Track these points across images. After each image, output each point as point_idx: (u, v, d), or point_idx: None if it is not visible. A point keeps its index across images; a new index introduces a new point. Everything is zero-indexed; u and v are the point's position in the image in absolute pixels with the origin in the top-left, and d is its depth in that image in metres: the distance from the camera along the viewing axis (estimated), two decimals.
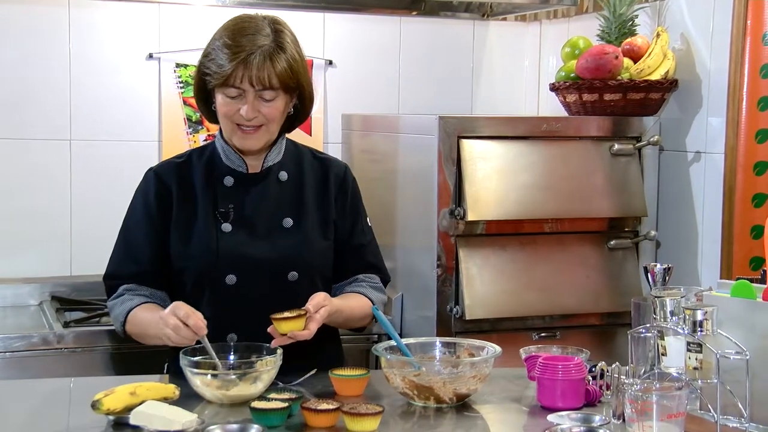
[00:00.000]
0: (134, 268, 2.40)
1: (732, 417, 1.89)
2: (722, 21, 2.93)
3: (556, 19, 3.79)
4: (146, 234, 2.39)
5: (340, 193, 2.47)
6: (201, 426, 1.88)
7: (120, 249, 2.43)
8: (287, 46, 2.31)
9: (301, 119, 2.46)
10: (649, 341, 2.01)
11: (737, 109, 2.86)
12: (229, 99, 2.31)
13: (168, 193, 2.39)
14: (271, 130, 2.36)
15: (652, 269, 2.17)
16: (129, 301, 2.37)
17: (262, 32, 2.29)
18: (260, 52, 2.26)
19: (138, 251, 2.40)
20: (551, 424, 1.97)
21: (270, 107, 2.31)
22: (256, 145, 2.37)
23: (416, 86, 3.82)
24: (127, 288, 2.40)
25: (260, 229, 2.38)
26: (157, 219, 2.39)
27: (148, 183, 2.42)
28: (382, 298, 2.48)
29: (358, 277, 2.48)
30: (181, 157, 2.48)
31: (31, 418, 2.09)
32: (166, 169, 2.43)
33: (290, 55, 2.30)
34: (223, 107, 2.33)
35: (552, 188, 3.03)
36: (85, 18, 3.44)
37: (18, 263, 3.40)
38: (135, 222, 2.42)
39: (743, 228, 2.84)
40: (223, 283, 2.34)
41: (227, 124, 2.35)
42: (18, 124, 3.39)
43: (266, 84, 2.27)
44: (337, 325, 2.40)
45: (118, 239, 2.44)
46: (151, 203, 2.40)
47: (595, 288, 3.07)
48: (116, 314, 2.38)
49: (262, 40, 2.28)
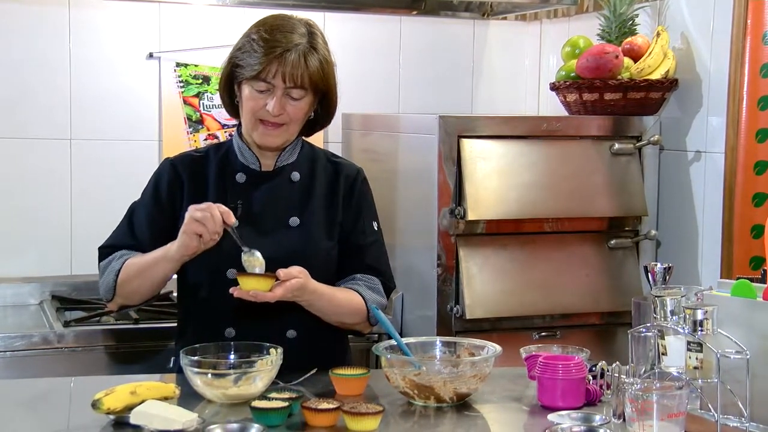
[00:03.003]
0: (131, 242, 2.40)
1: (732, 416, 1.89)
2: (722, 20, 2.93)
3: (556, 19, 3.79)
4: (149, 218, 2.41)
5: (348, 194, 2.47)
6: (201, 425, 1.88)
7: (122, 226, 2.45)
8: (320, 48, 2.34)
9: (323, 124, 2.48)
10: (649, 341, 2.01)
11: (737, 109, 2.86)
12: (257, 93, 2.32)
13: (180, 184, 2.41)
14: (291, 131, 2.38)
15: (653, 269, 2.17)
16: (126, 256, 2.36)
17: (298, 31, 2.32)
18: (295, 50, 2.29)
19: (138, 231, 2.41)
20: (551, 423, 1.97)
21: (295, 106, 2.33)
22: (275, 142, 2.38)
23: (416, 86, 3.82)
24: (122, 253, 2.39)
25: (266, 226, 2.38)
26: (165, 206, 2.40)
27: (162, 171, 2.44)
28: (378, 300, 2.41)
29: (356, 276, 2.45)
30: (199, 151, 2.50)
31: (31, 418, 2.09)
32: (182, 161, 2.45)
33: (323, 56, 2.34)
34: (249, 101, 2.34)
35: (552, 188, 3.03)
36: (85, 18, 3.44)
37: (18, 263, 3.40)
38: (142, 205, 2.44)
39: (743, 227, 2.84)
40: (225, 277, 2.34)
41: (250, 119, 2.36)
42: (18, 124, 3.39)
43: (298, 82, 2.29)
44: (323, 314, 2.35)
45: (123, 217, 2.45)
46: (161, 190, 2.41)
47: (595, 287, 3.07)
48: (111, 268, 2.36)
49: (297, 39, 2.30)
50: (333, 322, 2.39)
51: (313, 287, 2.27)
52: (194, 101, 3.55)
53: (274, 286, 2.18)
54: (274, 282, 2.18)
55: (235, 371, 2.12)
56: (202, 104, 3.56)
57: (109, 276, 2.36)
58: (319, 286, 2.30)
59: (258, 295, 2.16)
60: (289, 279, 2.20)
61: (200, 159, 2.45)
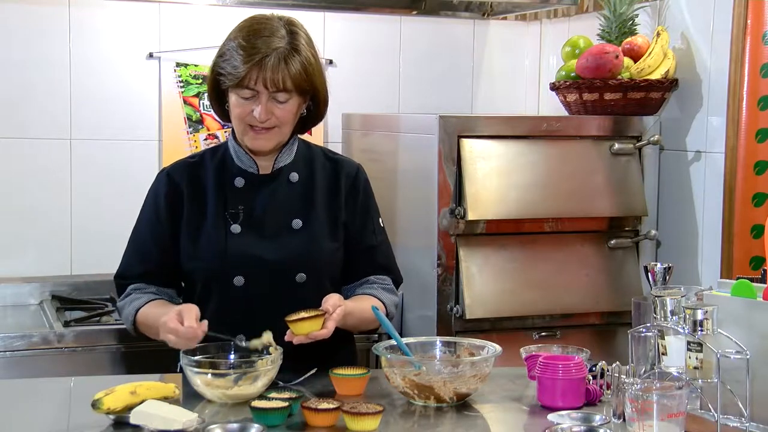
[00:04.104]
0: (142, 267, 2.41)
1: (732, 416, 1.89)
2: (722, 20, 2.93)
3: (556, 19, 3.79)
4: (154, 234, 2.41)
5: (351, 193, 2.46)
6: (201, 425, 1.88)
7: (129, 249, 2.46)
8: (302, 48, 2.30)
9: (315, 121, 2.47)
10: (649, 340, 2.01)
11: (737, 109, 2.86)
12: (242, 100, 2.31)
13: (179, 194, 2.40)
14: (283, 132, 2.37)
15: (653, 269, 2.17)
16: (137, 300, 2.38)
17: (277, 34, 2.29)
18: (275, 54, 2.25)
19: (145, 251, 2.41)
20: (551, 423, 1.97)
21: (283, 109, 2.31)
22: (267, 145, 2.37)
23: (416, 85, 3.82)
24: (135, 287, 2.41)
25: (269, 230, 2.38)
26: (166, 220, 2.40)
27: (159, 184, 2.44)
28: (393, 300, 2.46)
29: (369, 278, 2.46)
30: (194, 157, 2.49)
31: (31, 418, 2.09)
32: (177, 170, 2.44)
33: (305, 57, 2.30)
34: (236, 108, 2.33)
35: (552, 188, 3.03)
36: (85, 18, 3.44)
37: (18, 263, 3.40)
38: (144, 222, 2.44)
39: (743, 227, 2.84)
40: (231, 284, 2.34)
41: (240, 125, 2.35)
42: (18, 123, 3.39)
43: (280, 86, 2.27)
44: (349, 327, 2.38)
45: (129, 239, 2.47)
46: (160, 204, 2.41)
47: (595, 287, 3.07)
48: (126, 314, 2.40)
49: (277, 42, 2.27)
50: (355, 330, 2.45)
51: (349, 309, 2.29)
52: (194, 101, 3.55)
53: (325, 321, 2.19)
54: (323, 319, 2.19)
55: (235, 371, 2.12)
56: (202, 104, 3.56)
57: (127, 320, 2.40)
58: (351, 305, 2.31)
59: (316, 336, 2.18)
60: (335, 309, 2.22)
61: (196, 165, 2.44)
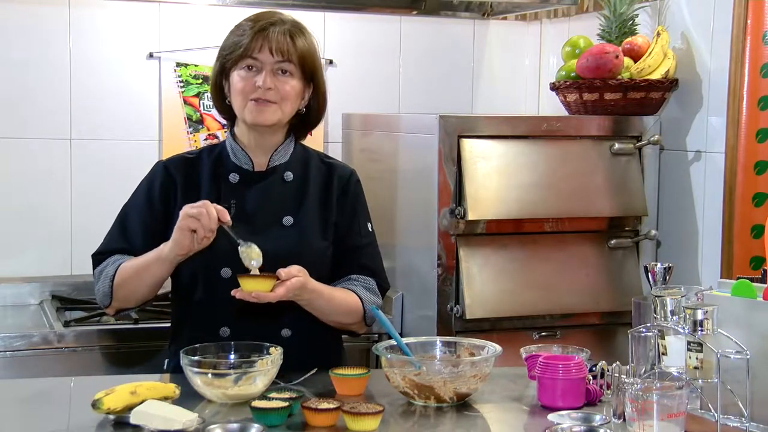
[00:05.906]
0: (124, 246, 2.40)
1: (732, 416, 1.89)
2: (722, 20, 2.93)
3: (556, 19, 3.79)
4: (142, 220, 2.40)
5: (342, 195, 2.47)
6: (201, 425, 1.88)
7: (114, 230, 2.44)
8: (306, 35, 2.41)
9: (314, 122, 2.49)
10: (649, 340, 2.01)
11: (737, 109, 2.86)
12: (245, 72, 2.35)
13: (173, 186, 2.41)
14: (284, 111, 2.38)
15: (653, 268, 2.17)
16: (119, 260, 2.36)
17: (284, 18, 2.40)
18: (280, 26, 2.36)
19: (131, 234, 2.40)
20: (551, 423, 1.97)
21: (285, 83, 2.35)
22: (268, 119, 2.36)
23: (416, 85, 3.82)
24: (115, 258, 2.39)
25: (260, 225, 2.38)
26: (157, 209, 2.40)
27: (155, 174, 2.44)
28: (373, 300, 2.42)
29: (352, 276, 2.46)
30: (192, 153, 2.51)
31: (31, 418, 2.09)
32: (174, 163, 2.45)
33: (309, 42, 2.41)
34: (238, 83, 2.35)
35: (552, 187, 3.03)
36: (85, 18, 3.44)
37: (18, 263, 3.40)
38: (134, 207, 2.43)
39: (743, 227, 2.84)
40: (219, 276, 2.34)
41: (241, 101, 2.36)
42: (18, 123, 3.39)
43: (285, 54, 2.33)
44: (321, 313, 2.35)
45: (114, 222, 2.45)
46: (154, 193, 2.41)
47: (595, 287, 3.07)
48: (105, 274, 2.36)
49: (284, 19, 2.39)
50: (330, 321, 2.40)
51: (312, 286, 2.27)
52: (194, 101, 3.55)
53: (275, 285, 2.18)
54: (275, 282, 2.18)
55: (235, 371, 2.12)
56: (202, 104, 3.56)
57: (104, 282, 2.36)
58: (318, 285, 2.30)
59: (260, 296, 2.16)
60: (290, 278, 2.20)
61: (193, 160, 2.46)
